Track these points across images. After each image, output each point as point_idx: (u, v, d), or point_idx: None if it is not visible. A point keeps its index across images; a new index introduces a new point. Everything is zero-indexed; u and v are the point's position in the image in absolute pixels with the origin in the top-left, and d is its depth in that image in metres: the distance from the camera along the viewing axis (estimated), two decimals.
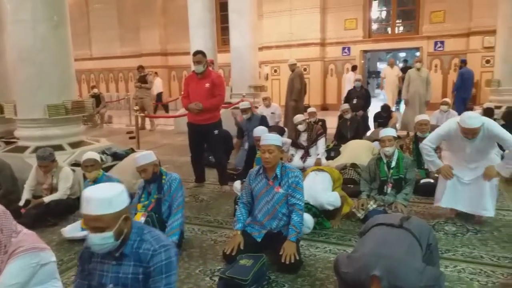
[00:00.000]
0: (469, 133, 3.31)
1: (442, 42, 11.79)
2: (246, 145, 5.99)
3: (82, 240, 3.44)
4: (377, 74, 19.95)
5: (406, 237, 2.16)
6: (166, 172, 3.39)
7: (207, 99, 4.59)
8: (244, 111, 6.24)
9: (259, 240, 3.02)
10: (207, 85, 4.61)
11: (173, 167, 6.05)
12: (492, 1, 8.08)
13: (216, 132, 4.77)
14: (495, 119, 4.91)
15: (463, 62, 9.79)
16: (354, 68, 11.94)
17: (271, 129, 6.12)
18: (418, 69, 7.95)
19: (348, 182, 4.64)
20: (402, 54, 34.15)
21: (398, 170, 3.88)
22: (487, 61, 10.79)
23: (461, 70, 9.19)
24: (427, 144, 3.67)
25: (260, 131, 4.24)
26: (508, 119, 5.84)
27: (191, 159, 5.04)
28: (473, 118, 3.29)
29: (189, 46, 9.61)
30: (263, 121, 6.20)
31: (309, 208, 3.48)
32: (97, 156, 3.75)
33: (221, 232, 3.64)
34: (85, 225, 1.91)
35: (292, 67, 7.85)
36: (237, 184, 4.43)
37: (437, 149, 3.94)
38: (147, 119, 10.34)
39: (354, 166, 4.93)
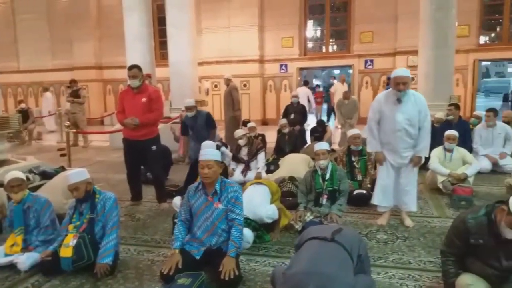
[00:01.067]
0: (401, 83, 3.60)
1: (371, 61, 12.58)
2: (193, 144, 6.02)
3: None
4: (313, 90, 20.78)
5: (337, 251, 2.24)
6: (99, 191, 3.25)
7: (143, 114, 4.48)
8: (189, 109, 6.17)
9: (198, 257, 2.97)
10: (144, 99, 4.51)
11: (108, 185, 5.79)
12: (414, 24, 8.76)
13: (153, 147, 4.66)
14: None
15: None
16: (306, 83, 12.41)
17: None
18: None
19: (287, 195, 4.74)
20: (337, 71, 35.90)
21: (332, 182, 4.05)
22: (412, 79, 11.62)
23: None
24: (369, 123, 3.90)
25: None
26: None
27: (127, 176, 4.88)
28: (403, 69, 3.79)
29: (126, 60, 9.38)
30: (208, 118, 6.15)
31: (248, 222, 3.50)
32: (22, 175, 3.49)
33: (158, 251, 3.53)
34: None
35: (227, 82, 8.41)
36: (176, 200, 4.34)
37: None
38: (80, 135, 9.86)
39: (292, 179, 5.06)
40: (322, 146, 4.18)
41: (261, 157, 6.04)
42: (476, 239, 2.46)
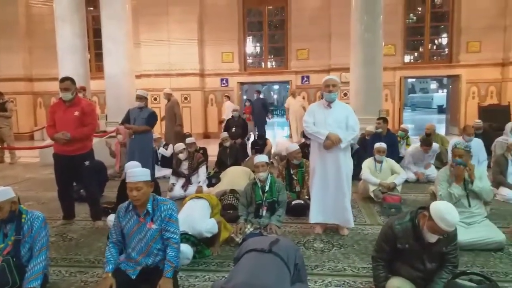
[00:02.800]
0: (330, 84, 4.00)
1: (307, 77, 13.10)
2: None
3: None
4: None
5: (275, 262, 2.29)
6: (26, 210, 3.03)
7: (76, 128, 4.29)
8: (139, 98, 6.03)
9: (134, 277, 2.86)
10: (76, 113, 4.32)
11: (37, 204, 5.43)
12: (346, 44, 9.31)
13: (87, 163, 4.45)
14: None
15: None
16: (228, 97, 12.48)
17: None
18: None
19: (228, 208, 4.75)
20: (276, 87, 36.77)
21: (272, 194, 4.14)
22: (345, 94, 12.26)
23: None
24: (307, 124, 4.08)
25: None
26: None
27: (58, 193, 4.60)
28: (333, 75, 4.27)
29: (58, 72, 8.93)
30: (151, 116, 5.97)
31: (187, 238, 3.45)
32: None
33: (92, 271, 3.37)
34: None
35: (168, 96, 8.55)
36: (111, 218, 4.15)
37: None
38: (6, 151, 9.15)
39: (233, 192, 5.08)
40: (261, 158, 4.27)
41: (202, 171, 6.01)
42: (403, 243, 2.64)
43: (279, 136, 14.90)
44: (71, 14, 9.17)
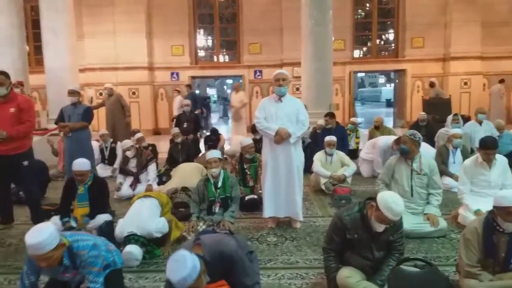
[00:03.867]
0: (280, 78, 4.05)
1: (260, 71, 13.10)
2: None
3: None
4: (207, 99, 20.95)
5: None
6: None
7: (12, 126, 3.99)
8: (71, 93, 5.48)
9: None
10: (12, 110, 4.02)
11: None
12: (298, 38, 9.37)
13: (25, 163, 4.16)
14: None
15: None
16: (178, 92, 12.15)
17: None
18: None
19: (180, 206, 4.64)
20: (230, 81, 36.68)
21: (225, 189, 4.08)
22: (297, 89, 12.41)
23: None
24: (256, 119, 4.10)
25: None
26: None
27: None
28: (283, 70, 4.34)
29: None
30: (87, 111, 5.54)
31: (136, 239, 3.33)
32: None
33: None
34: None
35: (111, 92, 8.46)
36: (55, 220, 3.91)
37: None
38: None
39: (185, 189, 4.97)
40: (213, 154, 4.19)
41: (152, 168, 5.82)
42: (352, 234, 2.69)
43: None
44: (7, 4, 8.56)
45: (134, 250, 3.21)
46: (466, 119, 8.23)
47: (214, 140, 8.02)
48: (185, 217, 4.20)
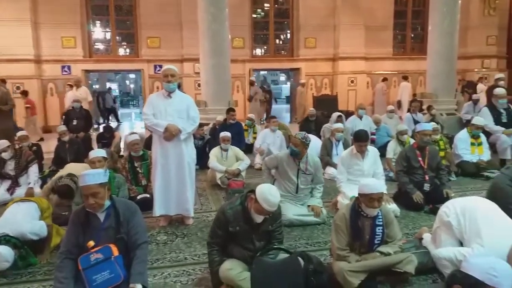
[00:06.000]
0: (169, 74, 3.98)
1: (160, 66, 12.72)
2: None
3: None
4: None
5: None
6: None
7: None
8: None
9: None
10: None
11: None
12: (197, 34, 9.29)
13: None
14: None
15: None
16: (71, 86, 11.29)
17: None
18: None
19: (64, 190, 4.25)
20: (132, 76, 35.12)
21: (111, 190, 3.90)
22: (199, 85, 12.39)
23: None
24: (144, 116, 4.04)
25: None
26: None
27: None
28: (171, 65, 4.21)
29: None
30: None
31: (7, 240, 3.06)
32: None
33: None
34: None
35: None
36: None
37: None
38: None
39: (70, 175, 4.59)
40: (97, 153, 4.02)
41: (33, 170, 5.32)
42: (234, 226, 2.78)
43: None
44: None
45: (4, 251, 2.94)
46: (351, 114, 9.02)
47: (108, 138, 7.62)
48: (66, 221, 3.92)
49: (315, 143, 6.05)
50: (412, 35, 14.73)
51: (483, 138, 6.11)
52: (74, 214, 2.67)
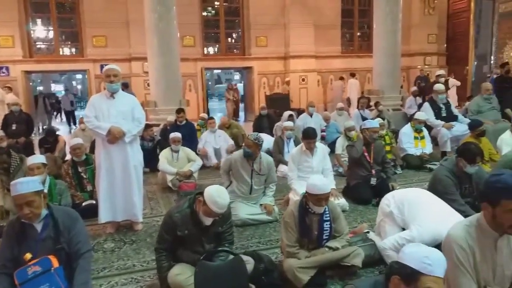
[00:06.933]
0: (111, 75, 3.84)
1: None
2: None
3: None
4: (52, 96, 18.90)
5: None
6: None
7: None
8: None
9: None
10: None
11: None
12: (144, 33, 9.02)
13: None
14: None
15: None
16: (10, 89, 10.59)
17: None
18: None
19: None
20: (79, 76, 33.68)
21: (51, 198, 3.72)
22: (148, 84, 12.07)
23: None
24: (86, 118, 3.90)
25: None
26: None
27: None
28: (114, 65, 4.07)
29: None
30: None
31: None
32: None
33: None
34: None
35: None
36: None
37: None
38: None
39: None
40: (36, 160, 3.78)
41: None
42: (182, 230, 2.70)
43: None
44: None
45: None
46: (302, 111, 9.15)
47: (51, 142, 7.20)
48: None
49: (267, 140, 6.10)
50: (359, 34, 15.22)
51: (425, 132, 6.41)
52: (8, 226, 2.48)
